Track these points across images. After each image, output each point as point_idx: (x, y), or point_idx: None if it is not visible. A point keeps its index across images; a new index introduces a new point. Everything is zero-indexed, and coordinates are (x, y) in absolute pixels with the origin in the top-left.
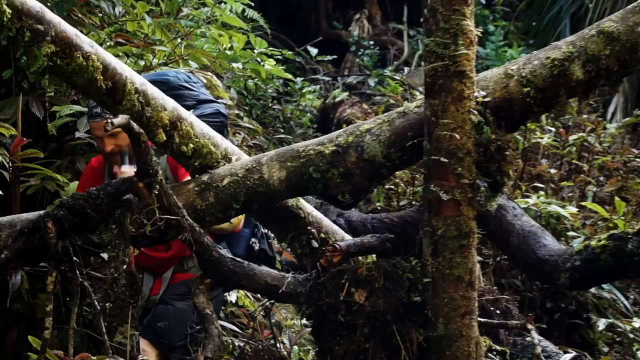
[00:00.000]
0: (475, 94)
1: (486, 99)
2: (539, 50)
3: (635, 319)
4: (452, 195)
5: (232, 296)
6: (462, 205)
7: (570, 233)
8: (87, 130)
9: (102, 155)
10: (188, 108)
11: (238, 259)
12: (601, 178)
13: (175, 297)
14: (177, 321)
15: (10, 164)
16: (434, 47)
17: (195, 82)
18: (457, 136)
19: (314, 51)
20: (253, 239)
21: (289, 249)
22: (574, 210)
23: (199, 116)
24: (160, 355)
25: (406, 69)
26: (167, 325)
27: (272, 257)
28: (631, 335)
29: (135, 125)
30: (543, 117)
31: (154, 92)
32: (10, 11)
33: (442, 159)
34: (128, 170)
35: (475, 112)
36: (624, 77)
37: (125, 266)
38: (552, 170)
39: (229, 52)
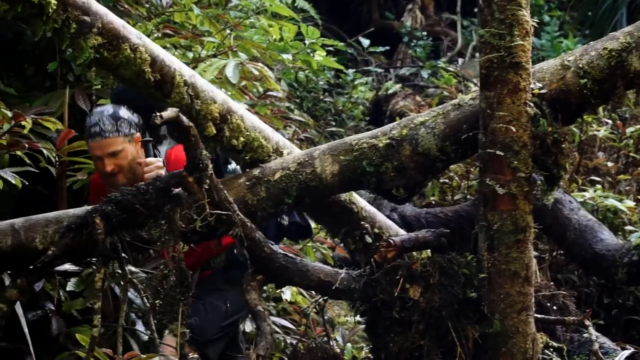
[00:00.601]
0: (532, 85)
1: (542, 91)
2: (596, 41)
3: None
4: (508, 189)
5: (286, 293)
6: (518, 199)
7: (628, 227)
8: None
9: (101, 176)
10: None
11: (290, 255)
12: None
13: (203, 292)
14: (208, 316)
15: (57, 158)
16: (489, 38)
17: None
18: (513, 129)
19: (365, 42)
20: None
21: (341, 245)
22: (631, 204)
23: None
24: (195, 351)
25: (460, 61)
26: (199, 321)
27: (307, 225)
28: None
29: (184, 119)
30: (600, 109)
31: (203, 84)
32: (56, 2)
33: (497, 152)
34: (153, 161)
35: (532, 104)
36: None
37: (175, 263)
38: (609, 164)
39: (279, 43)
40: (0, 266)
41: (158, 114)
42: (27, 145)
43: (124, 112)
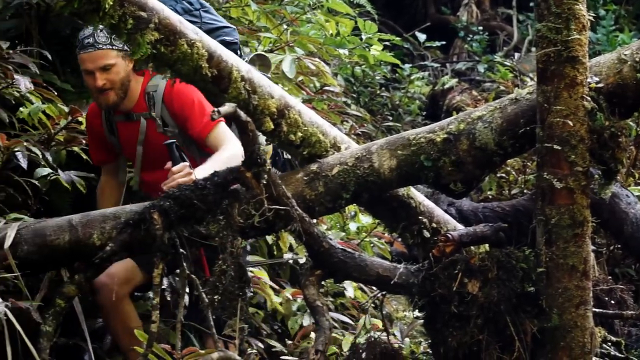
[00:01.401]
0: (588, 79)
1: (599, 85)
2: None
3: None
4: (566, 183)
5: (348, 289)
6: (575, 194)
7: None
8: None
9: (91, 93)
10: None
11: (349, 250)
12: None
13: None
14: None
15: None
16: (546, 32)
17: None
18: (570, 123)
19: (422, 37)
20: None
21: (399, 239)
22: None
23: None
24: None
25: (516, 55)
26: None
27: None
28: None
29: (242, 114)
30: None
31: (260, 79)
32: None
33: (555, 146)
34: (180, 167)
35: (589, 98)
36: None
37: (233, 258)
38: None
39: (335, 38)
40: (58, 262)
41: (216, 109)
42: (84, 141)
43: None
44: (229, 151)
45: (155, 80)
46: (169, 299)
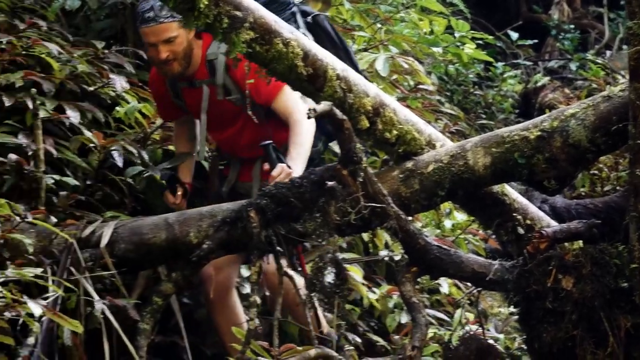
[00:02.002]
0: None
1: None
2: None
3: None
4: None
5: (443, 286)
6: None
7: None
8: None
9: (155, 64)
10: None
11: (444, 247)
12: None
13: None
14: None
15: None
16: (638, 29)
17: None
18: None
19: (514, 35)
20: None
21: (493, 236)
22: None
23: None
24: None
25: (608, 53)
26: None
27: None
28: None
29: (338, 112)
30: None
31: (355, 78)
32: None
33: None
34: (279, 170)
35: None
36: None
37: (330, 255)
38: None
39: (429, 37)
40: (155, 260)
41: (311, 107)
42: None
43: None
44: (300, 125)
45: (215, 46)
46: (267, 293)
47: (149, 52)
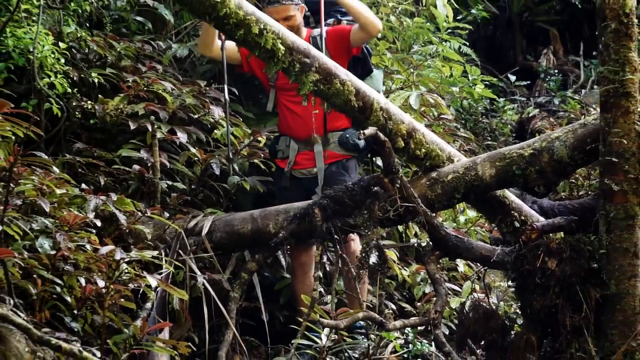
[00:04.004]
0: (639, 109)
1: None
2: None
3: None
4: (621, 187)
5: (460, 266)
6: (629, 194)
7: None
8: None
9: None
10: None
11: (459, 236)
12: None
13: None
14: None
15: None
16: (607, 73)
17: None
18: (625, 142)
19: (512, 78)
20: None
21: (496, 228)
22: None
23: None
24: None
25: (583, 91)
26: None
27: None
28: None
29: (381, 135)
30: None
31: (394, 109)
32: (284, 49)
33: (613, 159)
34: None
35: (639, 123)
36: None
37: (374, 242)
38: None
39: (449, 79)
40: (243, 245)
41: (362, 131)
42: (262, 156)
43: None
44: None
45: (317, 30)
46: (328, 269)
47: None
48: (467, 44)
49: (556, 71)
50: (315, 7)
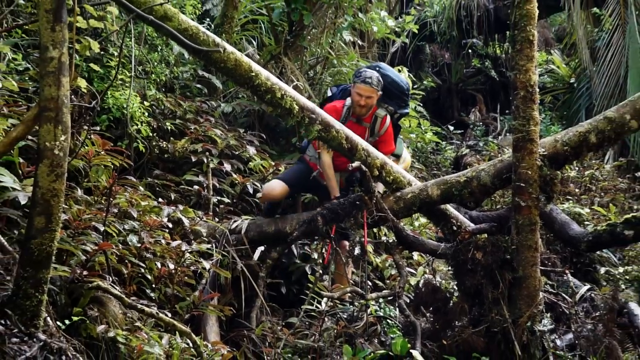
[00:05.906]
0: (539, 150)
1: (544, 153)
2: (571, 128)
3: (620, 268)
4: (527, 203)
5: (414, 256)
6: (531, 209)
7: (587, 223)
8: None
9: (354, 104)
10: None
11: (415, 236)
12: (602, 194)
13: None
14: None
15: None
16: (518, 125)
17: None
18: (530, 172)
19: (451, 128)
20: None
21: (440, 230)
22: (588, 210)
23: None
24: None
25: (500, 137)
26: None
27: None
28: (618, 276)
29: (363, 167)
30: (574, 162)
31: (372, 149)
32: (297, 107)
33: (521, 184)
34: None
35: (539, 159)
36: (616, 142)
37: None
38: (577, 190)
39: (409, 128)
40: (268, 241)
41: (350, 164)
42: None
43: (381, 79)
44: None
45: (381, 111)
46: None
47: (355, 97)
48: (421, 104)
49: (481, 123)
50: (385, 90)
